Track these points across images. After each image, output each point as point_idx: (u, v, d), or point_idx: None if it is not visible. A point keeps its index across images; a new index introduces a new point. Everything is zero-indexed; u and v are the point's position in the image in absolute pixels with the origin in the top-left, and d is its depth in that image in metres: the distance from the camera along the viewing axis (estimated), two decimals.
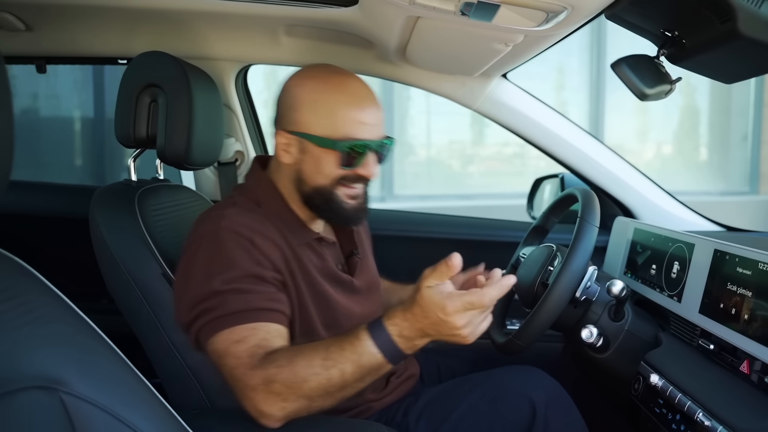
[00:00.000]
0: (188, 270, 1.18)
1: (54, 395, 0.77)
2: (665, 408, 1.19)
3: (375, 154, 1.27)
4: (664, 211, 1.96)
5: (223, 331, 1.12)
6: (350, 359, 1.07)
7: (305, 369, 1.06)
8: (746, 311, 1.12)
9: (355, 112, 1.24)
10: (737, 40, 0.94)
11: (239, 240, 1.18)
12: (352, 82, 1.28)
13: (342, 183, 1.27)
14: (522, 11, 1.05)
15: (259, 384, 1.07)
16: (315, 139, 1.24)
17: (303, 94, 1.27)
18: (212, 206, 1.31)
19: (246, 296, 1.14)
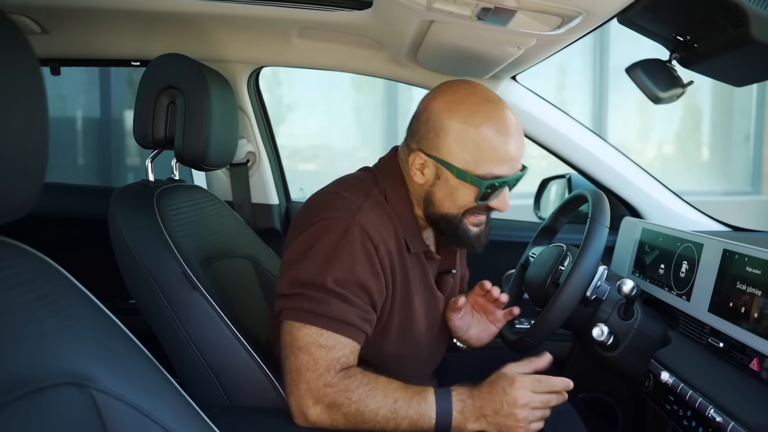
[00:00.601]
0: (309, 248, 1.18)
1: (85, 391, 0.79)
2: (676, 405, 1.21)
3: (509, 187, 1.28)
4: (670, 211, 1.97)
5: (313, 327, 1.14)
6: (410, 418, 1.14)
7: (370, 415, 1.14)
8: (755, 310, 1.14)
9: (501, 149, 1.22)
10: (749, 44, 0.97)
11: (367, 244, 1.18)
12: (501, 113, 1.24)
13: (470, 212, 1.28)
14: (538, 16, 1.07)
15: (323, 400, 1.13)
16: (455, 171, 1.22)
17: (451, 122, 1.22)
18: (340, 185, 1.29)
19: (348, 307, 1.16)
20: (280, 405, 1.26)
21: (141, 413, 0.83)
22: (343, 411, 1.13)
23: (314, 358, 1.13)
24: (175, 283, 1.31)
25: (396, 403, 1.14)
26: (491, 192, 1.24)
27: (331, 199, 1.24)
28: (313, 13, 1.53)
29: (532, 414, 1.15)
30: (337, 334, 1.15)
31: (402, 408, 1.14)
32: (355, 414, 1.13)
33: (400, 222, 1.28)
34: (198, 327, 1.29)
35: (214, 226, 1.60)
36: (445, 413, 1.15)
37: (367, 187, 1.28)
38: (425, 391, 1.17)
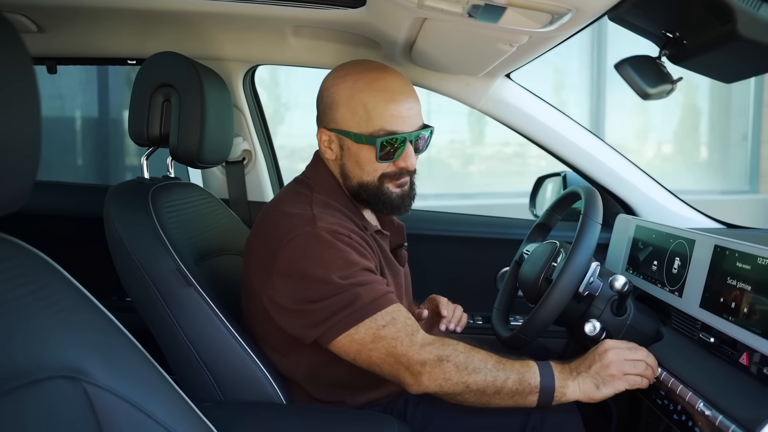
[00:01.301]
0: (298, 270, 1.21)
1: (78, 385, 0.79)
2: (667, 399, 1.22)
3: (412, 145, 1.33)
4: (665, 208, 1.98)
5: (364, 321, 1.18)
6: (518, 371, 1.21)
7: (480, 362, 1.19)
8: (745, 305, 1.15)
9: (389, 106, 1.29)
10: (737, 41, 0.97)
11: (341, 237, 1.23)
12: (386, 76, 1.33)
13: (387, 179, 1.33)
14: (527, 13, 1.08)
15: (431, 359, 1.17)
16: (352, 136, 1.31)
17: (339, 92, 1.32)
18: (283, 203, 1.33)
19: (372, 286, 1.21)
20: (273, 399, 1.27)
21: (134, 407, 0.84)
22: (452, 361, 1.17)
23: (392, 337, 1.18)
24: (169, 279, 1.32)
25: (500, 358, 1.22)
26: (390, 149, 1.30)
27: (285, 219, 1.27)
28: (308, 11, 1.54)
29: (625, 365, 1.24)
30: (386, 309, 1.19)
31: (508, 362, 1.22)
32: (466, 363, 1.17)
33: (348, 210, 1.35)
34: (192, 323, 1.30)
35: (210, 223, 1.61)
36: (547, 372, 1.22)
37: (306, 196, 1.33)
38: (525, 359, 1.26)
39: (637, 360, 1.26)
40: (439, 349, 1.18)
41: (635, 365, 1.26)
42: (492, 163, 6.55)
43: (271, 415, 1.22)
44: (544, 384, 1.21)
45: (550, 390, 1.21)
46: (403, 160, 1.33)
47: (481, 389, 1.18)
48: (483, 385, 1.18)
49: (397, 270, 1.44)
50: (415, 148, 1.35)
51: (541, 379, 1.21)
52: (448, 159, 6.44)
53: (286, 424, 1.19)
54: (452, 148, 6.43)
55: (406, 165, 1.33)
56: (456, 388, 1.17)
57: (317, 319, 1.20)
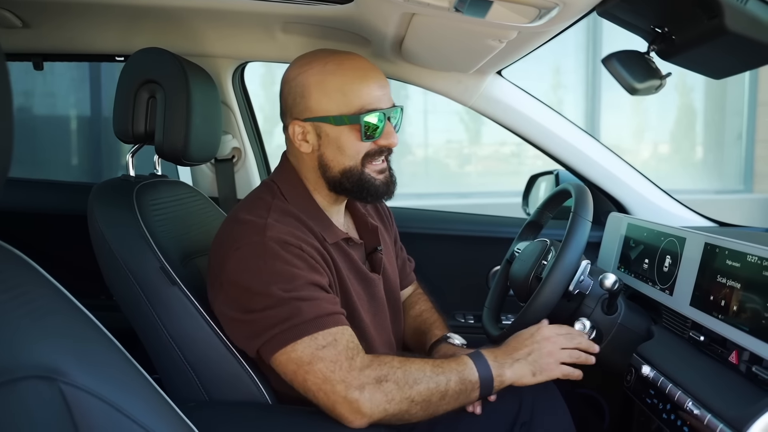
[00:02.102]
0: (242, 280, 1.18)
1: (53, 385, 0.78)
2: (656, 398, 1.21)
3: (390, 123, 1.30)
4: (657, 207, 1.97)
5: (303, 338, 1.13)
6: (456, 370, 1.19)
7: (418, 372, 1.16)
8: (735, 303, 1.14)
9: (364, 85, 1.27)
10: (725, 35, 0.96)
11: (290, 249, 1.18)
12: (352, 57, 1.31)
13: (368, 160, 1.30)
14: (515, 7, 1.07)
15: (369, 383, 1.12)
16: (332, 119, 1.27)
17: (308, 79, 1.28)
18: (242, 209, 1.30)
19: (316, 302, 1.16)
20: (258, 398, 1.25)
21: (112, 407, 0.83)
22: (392, 380, 1.13)
23: (331, 360, 1.13)
24: (153, 278, 1.30)
25: (434, 362, 1.20)
26: (374, 128, 1.27)
27: (237, 227, 1.25)
28: (296, 7, 1.53)
29: (562, 354, 1.26)
30: (329, 328, 1.15)
31: (443, 364, 1.20)
32: (405, 378, 1.14)
33: (310, 218, 1.29)
34: (176, 322, 1.28)
35: (197, 221, 1.59)
36: (482, 363, 1.21)
37: (266, 202, 1.29)
38: (457, 355, 1.25)
39: (573, 348, 1.29)
40: (376, 370, 1.14)
41: (571, 354, 1.28)
42: (489, 163, 6.54)
43: (255, 414, 1.20)
44: (483, 376, 1.20)
45: (489, 381, 1.20)
46: (385, 137, 1.29)
47: (426, 399, 1.15)
48: (427, 394, 1.15)
49: (368, 280, 1.39)
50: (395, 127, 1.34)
51: (479, 373, 1.20)
52: (445, 159, 6.43)
53: (270, 423, 1.18)
54: (449, 147, 6.43)
55: (388, 142, 1.30)
56: (401, 406, 1.13)
57: (257, 330, 1.16)
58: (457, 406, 1.20)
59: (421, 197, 5.80)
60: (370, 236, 1.46)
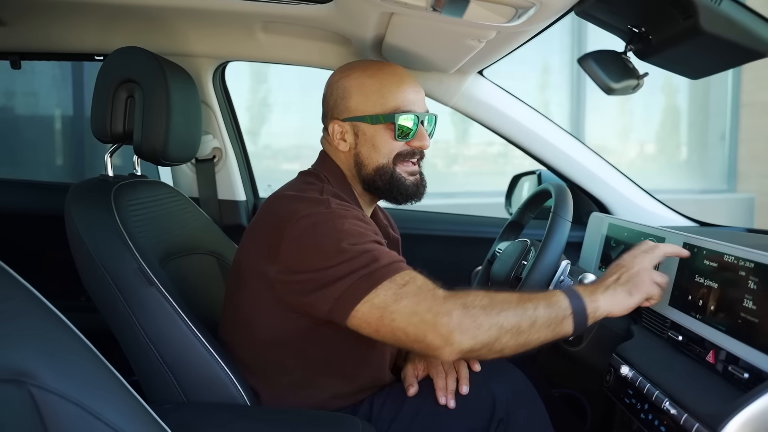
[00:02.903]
0: (311, 244, 1.17)
1: (23, 388, 0.78)
2: (635, 398, 1.22)
3: (423, 126, 1.37)
4: (638, 207, 1.98)
5: (384, 283, 1.13)
6: (544, 299, 1.14)
7: (504, 301, 1.13)
8: (712, 303, 1.14)
9: (400, 89, 1.35)
10: (700, 35, 0.97)
11: (352, 219, 1.22)
12: (391, 66, 1.40)
13: (400, 160, 1.37)
14: (492, 7, 1.07)
15: (457, 309, 1.10)
16: (368, 119, 1.34)
17: (350, 81, 1.37)
18: (293, 189, 1.31)
19: (386, 252, 1.19)
20: (236, 400, 1.24)
21: (84, 410, 0.82)
22: (478, 305, 1.11)
23: (414, 293, 1.12)
24: (131, 279, 1.29)
25: (521, 294, 1.16)
26: (408, 129, 1.34)
27: (295, 203, 1.25)
28: (276, 6, 1.52)
29: (653, 272, 1.22)
30: (404, 271, 1.16)
31: (529, 295, 1.16)
32: (492, 304, 1.11)
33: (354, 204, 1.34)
34: (154, 323, 1.27)
35: (177, 222, 1.58)
36: (572, 292, 1.17)
37: (317, 186, 1.33)
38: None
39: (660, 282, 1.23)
40: (461, 298, 1.12)
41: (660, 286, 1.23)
42: (476, 163, 6.57)
43: (232, 416, 1.19)
44: (575, 304, 1.15)
45: (582, 309, 1.15)
46: (418, 139, 1.36)
47: (516, 326, 1.11)
48: (515, 321, 1.11)
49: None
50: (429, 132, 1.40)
51: (570, 301, 1.15)
52: (433, 158, 6.45)
53: (247, 425, 1.17)
54: (436, 147, 6.44)
55: (421, 144, 1.37)
56: (491, 333, 1.09)
57: (332, 282, 1.14)
58: (550, 336, 1.15)
59: None
60: (391, 246, 1.46)
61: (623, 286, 1.18)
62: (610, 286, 1.19)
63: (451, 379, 1.33)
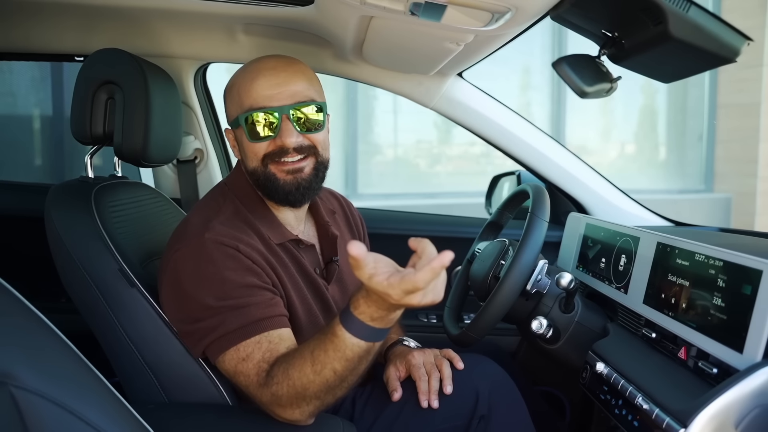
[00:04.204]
0: (179, 284, 1.21)
1: (3, 389, 0.77)
2: (610, 394, 1.24)
3: (288, 121, 1.26)
4: (615, 207, 2.01)
5: (229, 350, 1.17)
6: (336, 357, 1.07)
7: (300, 379, 1.10)
8: (684, 300, 1.17)
9: (254, 84, 1.26)
10: (669, 41, 1.00)
11: (224, 250, 1.20)
12: (266, 59, 1.31)
13: (273, 160, 1.28)
14: (469, 11, 1.09)
15: (270, 400, 1.13)
16: (232, 123, 1.33)
17: (228, 84, 1.35)
18: (195, 210, 1.33)
19: (243, 310, 1.17)
20: (218, 400, 1.25)
21: (66, 411, 0.82)
22: (283, 395, 1.11)
23: (245, 374, 1.16)
24: (112, 280, 1.29)
25: (313, 354, 1.09)
26: (257, 126, 1.26)
27: (182, 226, 1.29)
28: (257, 8, 1.53)
29: (431, 293, 1.01)
30: (249, 339, 1.17)
31: (321, 355, 1.08)
32: (293, 390, 1.10)
33: (257, 218, 1.32)
34: (135, 324, 1.28)
35: (158, 223, 1.58)
36: (362, 329, 1.06)
37: (217, 204, 1.32)
38: (332, 326, 1.08)
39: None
40: (269, 387, 1.13)
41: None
42: (458, 163, 6.60)
43: (214, 416, 1.20)
44: (371, 338, 1.07)
45: (372, 332, 1.06)
46: (280, 136, 1.26)
47: (327, 391, 1.11)
48: (324, 389, 1.10)
49: (316, 284, 1.37)
50: (303, 126, 1.28)
51: (365, 341, 1.06)
52: (415, 159, 6.47)
53: (229, 425, 1.18)
54: (419, 148, 6.47)
55: (281, 142, 1.26)
56: (312, 405, 1.12)
57: (195, 339, 1.21)
58: (363, 371, 1.12)
59: (388, 197, 5.83)
60: (328, 245, 1.46)
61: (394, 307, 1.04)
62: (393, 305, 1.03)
63: (434, 378, 1.33)
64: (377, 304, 1.03)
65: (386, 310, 1.03)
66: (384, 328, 1.07)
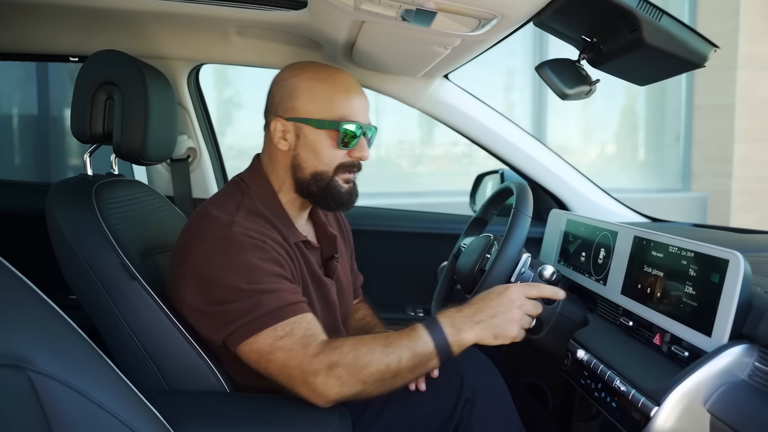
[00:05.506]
0: (206, 270, 1.23)
1: (22, 373, 0.82)
2: (590, 379, 1.31)
3: (365, 138, 1.40)
4: (595, 204, 2.09)
5: (264, 330, 1.20)
6: (407, 347, 1.20)
7: (367, 355, 1.18)
8: (659, 290, 1.24)
9: (348, 98, 1.36)
10: (643, 47, 1.07)
11: (253, 242, 1.25)
12: (343, 73, 1.40)
13: (340, 171, 1.38)
14: (457, 18, 1.15)
15: (322, 369, 1.17)
16: (314, 122, 1.35)
17: (300, 82, 1.37)
18: (211, 205, 1.35)
19: (275, 295, 1.22)
20: (217, 388, 1.30)
21: (79, 394, 0.87)
22: (343, 365, 1.17)
23: (288, 348, 1.19)
24: (113, 274, 1.33)
25: (387, 339, 1.21)
26: (350, 138, 1.36)
27: (204, 221, 1.30)
28: (251, 12, 1.58)
29: (524, 318, 1.29)
30: (287, 319, 1.21)
31: (395, 341, 1.21)
32: (355, 362, 1.17)
33: (275, 216, 1.37)
34: (137, 316, 1.32)
35: (154, 220, 1.62)
36: (438, 332, 1.22)
37: (235, 200, 1.36)
38: (413, 325, 1.25)
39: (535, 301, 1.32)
40: (328, 355, 1.18)
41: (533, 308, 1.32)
42: (440, 163, 6.66)
43: (214, 401, 1.25)
44: (439, 345, 1.22)
45: (446, 348, 1.22)
46: (359, 150, 1.38)
47: (379, 379, 1.19)
48: (378, 375, 1.19)
49: (322, 283, 1.45)
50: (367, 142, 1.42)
51: (434, 343, 1.22)
52: (398, 159, 6.52)
53: (229, 410, 1.23)
54: (401, 148, 6.51)
55: (361, 155, 1.39)
56: (354, 388, 1.19)
57: (221, 323, 1.23)
58: (415, 377, 1.25)
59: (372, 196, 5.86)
60: (328, 244, 1.53)
61: (492, 329, 1.26)
62: (480, 322, 1.25)
63: None
64: (467, 310, 1.26)
65: (468, 320, 1.24)
66: (452, 344, 1.22)
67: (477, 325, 1.25)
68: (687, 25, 1.08)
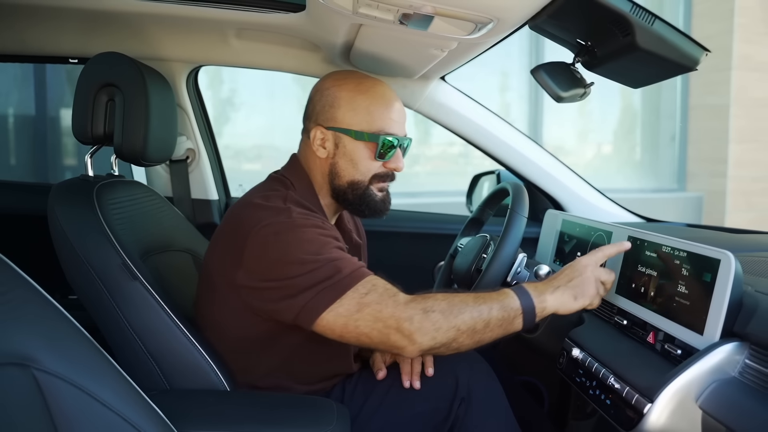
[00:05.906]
0: (272, 254, 1.23)
1: (26, 371, 0.83)
2: (585, 377, 1.33)
3: (401, 149, 1.43)
4: (590, 204, 2.11)
5: (347, 292, 1.20)
6: (497, 300, 1.23)
7: (460, 303, 1.21)
8: (652, 289, 1.26)
9: (388, 111, 1.40)
10: (636, 51, 1.09)
11: (315, 222, 1.29)
12: (384, 86, 1.44)
13: (375, 180, 1.42)
14: (454, 22, 1.17)
15: (417, 314, 1.18)
16: (353, 134, 1.38)
17: (341, 92, 1.40)
18: (257, 197, 1.35)
19: (349, 260, 1.25)
20: (217, 386, 1.32)
21: (83, 392, 0.88)
22: (437, 310, 1.19)
23: (376, 302, 1.20)
24: (115, 273, 1.34)
25: (476, 295, 1.25)
26: (387, 149, 1.40)
27: (258, 211, 1.30)
28: (250, 14, 1.60)
29: (599, 285, 1.31)
30: (365, 278, 1.23)
31: (485, 296, 1.24)
32: (450, 308, 1.20)
33: (317, 212, 1.39)
34: (138, 315, 1.34)
35: (154, 220, 1.64)
36: (523, 293, 1.26)
37: (281, 193, 1.37)
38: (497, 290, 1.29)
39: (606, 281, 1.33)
40: (421, 303, 1.20)
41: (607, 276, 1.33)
42: (437, 163, 6.67)
43: (215, 399, 1.27)
44: (525, 305, 1.24)
45: (531, 308, 1.25)
46: (394, 161, 1.42)
47: (471, 327, 1.21)
48: (471, 323, 1.20)
49: None
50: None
51: (520, 301, 1.24)
52: None
53: (229, 407, 1.25)
54: None
55: (396, 166, 1.43)
56: (449, 334, 1.19)
57: (295, 293, 1.21)
58: (502, 334, 1.25)
59: None
60: (353, 251, 1.55)
61: (571, 290, 1.28)
62: (559, 287, 1.28)
63: (416, 362, 1.43)
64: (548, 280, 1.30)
65: (549, 284, 1.28)
66: (536, 304, 1.25)
67: (557, 289, 1.28)
68: (679, 30, 1.10)
